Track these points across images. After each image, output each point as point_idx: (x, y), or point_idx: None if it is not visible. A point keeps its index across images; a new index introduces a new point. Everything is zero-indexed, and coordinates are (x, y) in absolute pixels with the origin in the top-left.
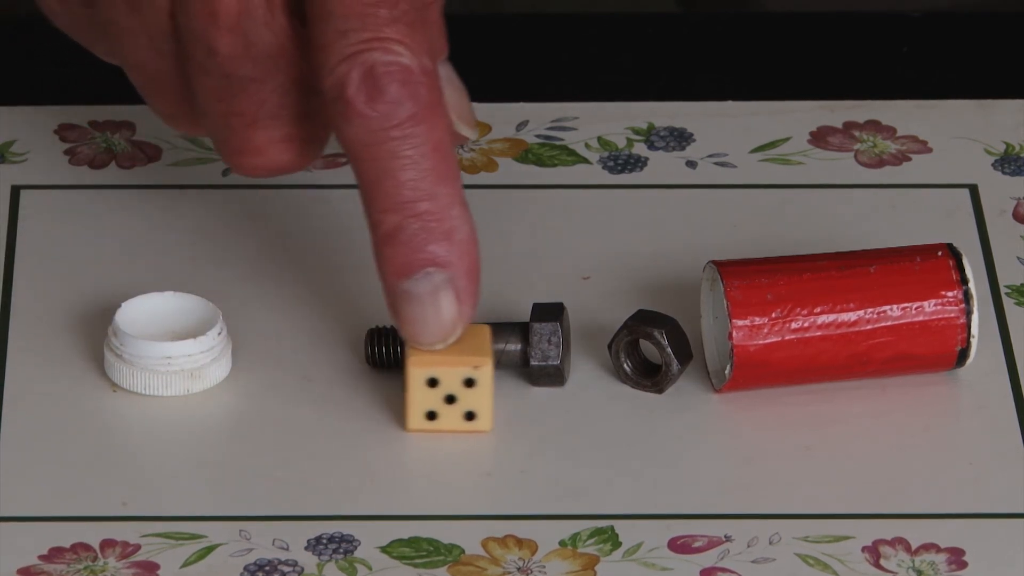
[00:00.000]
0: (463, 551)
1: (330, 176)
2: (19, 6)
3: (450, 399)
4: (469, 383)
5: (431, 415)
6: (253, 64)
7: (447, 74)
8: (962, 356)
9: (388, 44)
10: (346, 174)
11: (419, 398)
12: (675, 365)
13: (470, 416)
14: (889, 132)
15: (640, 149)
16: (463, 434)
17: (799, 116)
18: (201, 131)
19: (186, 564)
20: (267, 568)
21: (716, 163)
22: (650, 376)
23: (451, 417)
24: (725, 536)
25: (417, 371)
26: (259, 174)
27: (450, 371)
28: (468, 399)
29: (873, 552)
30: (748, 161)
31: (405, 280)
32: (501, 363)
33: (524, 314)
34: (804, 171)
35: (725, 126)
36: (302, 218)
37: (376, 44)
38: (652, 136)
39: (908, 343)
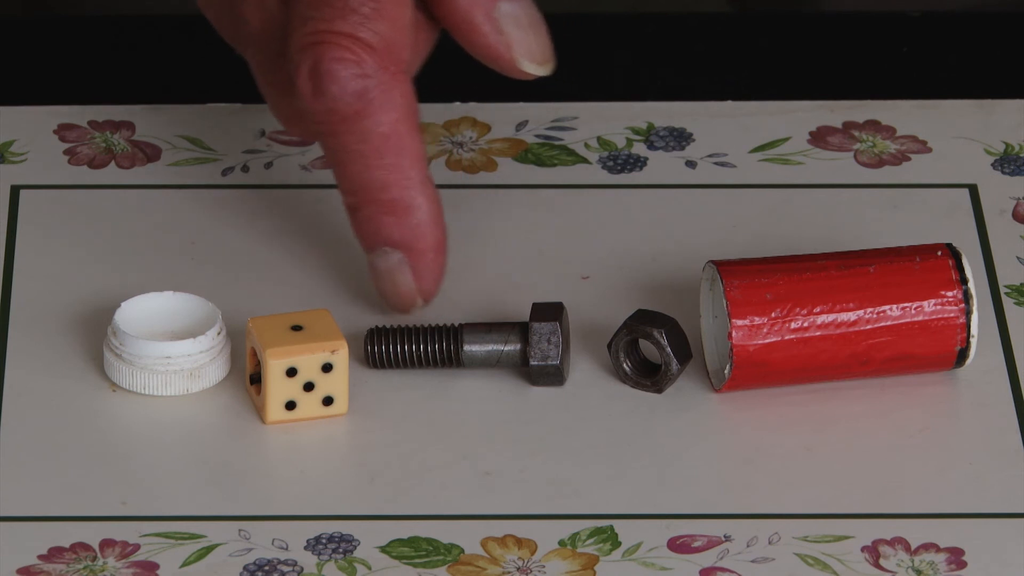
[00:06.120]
0: (462, 551)
1: (330, 176)
2: (19, 6)
3: (308, 386)
4: (327, 368)
5: (290, 405)
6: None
7: (512, 11)
8: (962, 356)
9: (338, 39)
10: None
11: (278, 389)
12: (675, 365)
13: (328, 401)
14: (889, 132)
15: (640, 149)
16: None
17: (799, 116)
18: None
19: (185, 564)
20: (266, 568)
21: (716, 163)
22: (650, 376)
23: (309, 404)
24: (724, 536)
25: (276, 363)
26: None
27: (309, 358)
28: (325, 384)
29: (873, 552)
30: (748, 161)
31: (369, 253)
32: (501, 363)
33: (524, 314)
34: (804, 171)
35: (725, 126)
36: (302, 218)
37: (327, 37)
38: (652, 136)
39: (908, 343)
